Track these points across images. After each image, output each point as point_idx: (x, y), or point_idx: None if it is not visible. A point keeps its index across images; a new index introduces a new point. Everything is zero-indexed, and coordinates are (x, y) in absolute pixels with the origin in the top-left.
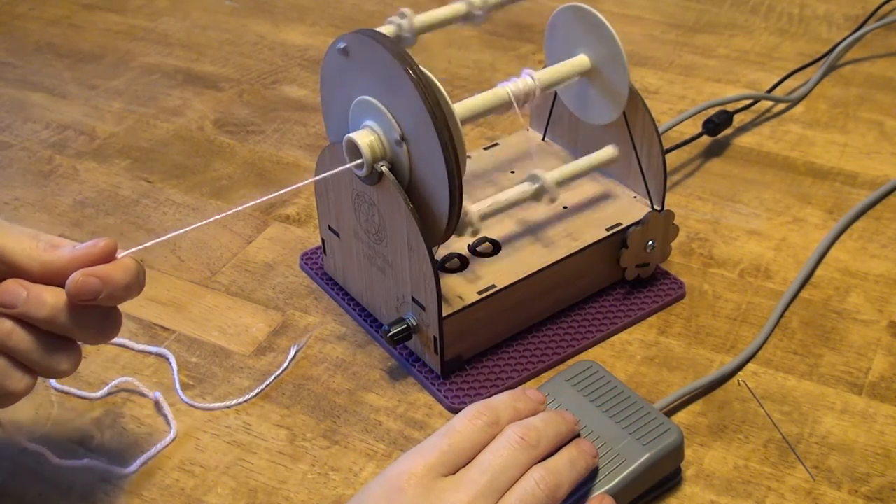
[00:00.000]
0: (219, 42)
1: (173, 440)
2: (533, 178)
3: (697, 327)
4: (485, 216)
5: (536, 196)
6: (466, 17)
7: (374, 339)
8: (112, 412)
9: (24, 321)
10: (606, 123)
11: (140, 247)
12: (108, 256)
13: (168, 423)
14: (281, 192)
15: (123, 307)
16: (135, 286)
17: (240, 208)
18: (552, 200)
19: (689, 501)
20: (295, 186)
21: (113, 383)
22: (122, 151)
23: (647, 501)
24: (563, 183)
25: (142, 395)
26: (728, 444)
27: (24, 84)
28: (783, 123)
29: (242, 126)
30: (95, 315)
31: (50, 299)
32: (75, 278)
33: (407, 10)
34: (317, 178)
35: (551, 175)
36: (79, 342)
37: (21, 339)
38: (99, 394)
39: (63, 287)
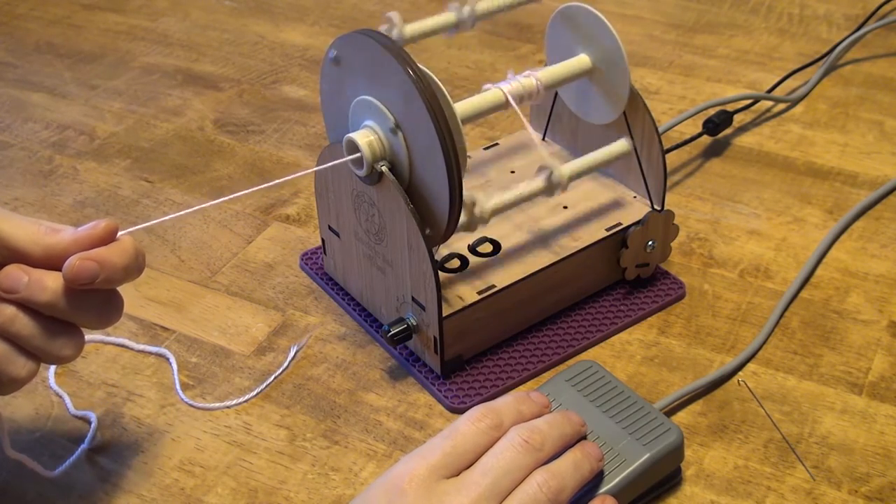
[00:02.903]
0: (219, 42)
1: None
2: (544, 172)
3: (697, 327)
4: (496, 211)
5: (548, 191)
6: (457, 26)
7: (374, 339)
8: (112, 412)
9: (26, 306)
10: (607, 123)
11: (136, 227)
12: (109, 238)
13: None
14: (271, 183)
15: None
16: (133, 268)
17: (231, 197)
18: (562, 190)
19: (689, 501)
20: (290, 177)
21: (93, 419)
22: (122, 151)
23: (647, 501)
24: (576, 177)
25: (142, 394)
26: (728, 444)
27: (24, 84)
28: (783, 123)
29: (242, 126)
30: (96, 299)
31: (51, 284)
32: (72, 262)
33: (394, 16)
34: (315, 168)
35: (565, 169)
36: (81, 327)
37: (23, 324)
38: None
39: None
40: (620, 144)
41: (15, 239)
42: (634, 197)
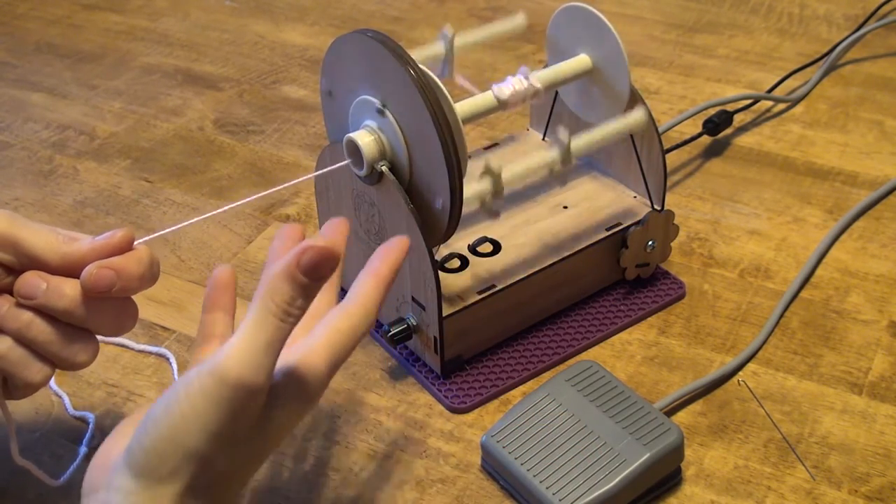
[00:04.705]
0: (219, 42)
1: None
2: (557, 143)
3: (697, 327)
4: (514, 179)
5: (563, 161)
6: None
7: (374, 339)
8: (112, 412)
9: (43, 312)
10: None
11: (152, 236)
12: (126, 246)
13: None
14: (279, 187)
15: None
16: (148, 276)
17: (241, 203)
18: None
19: (689, 501)
20: (292, 182)
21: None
22: (122, 151)
23: (647, 501)
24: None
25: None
26: (728, 444)
27: (24, 84)
28: (783, 123)
29: (242, 126)
30: (112, 306)
31: (69, 291)
32: (90, 270)
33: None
34: (315, 173)
35: (576, 142)
36: (96, 334)
37: (40, 329)
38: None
39: None
40: (636, 116)
41: (33, 247)
42: (634, 197)
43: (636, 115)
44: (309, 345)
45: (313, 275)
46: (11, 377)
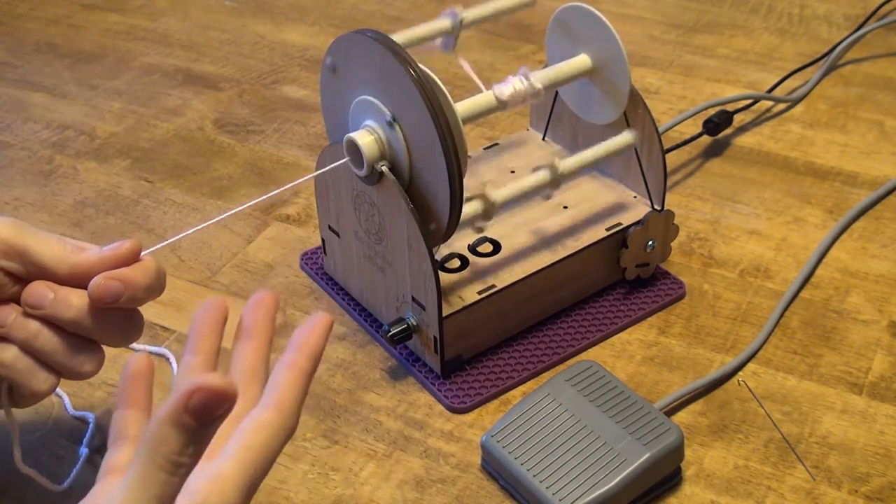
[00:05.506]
0: (219, 42)
1: None
2: (548, 168)
3: (697, 327)
4: (507, 202)
5: (553, 184)
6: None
7: (374, 339)
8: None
9: (50, 322)
10: (607, 123)
11: (158, 246)
12: (134, 257)
13: None
14: (282, 188)
15: None
16: (155, 287)
17: (244, 207)
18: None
19: (689, 501)
20: (294, 183)
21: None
22: (122, 151)
23: (647, 501)
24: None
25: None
26: (728, 443)
27: (24, 84)
28: (783, 123)
29: (242, 126)
30: (119, 317)
31: (76, 301)
32: (97, 281)
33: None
34: (315, 174)
35: (565, 164)
36: (102, 344)
37: (47, 339)
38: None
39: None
40: (624, 138)
41: (41, 256)
42: (634, 197)
43: (624, 137)
44: (216, 471)
45: (205, 418)
46: (18, 386)
